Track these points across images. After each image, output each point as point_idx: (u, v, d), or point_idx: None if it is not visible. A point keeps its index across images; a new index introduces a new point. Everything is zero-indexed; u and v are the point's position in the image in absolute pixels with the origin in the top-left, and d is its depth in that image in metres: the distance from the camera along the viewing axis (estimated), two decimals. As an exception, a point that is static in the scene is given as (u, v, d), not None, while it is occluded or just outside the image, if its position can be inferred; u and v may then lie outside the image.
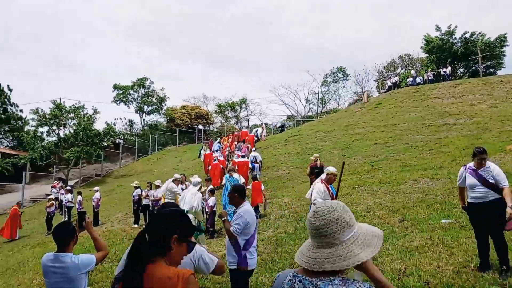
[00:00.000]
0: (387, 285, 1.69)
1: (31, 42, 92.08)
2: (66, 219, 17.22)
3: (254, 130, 32.84)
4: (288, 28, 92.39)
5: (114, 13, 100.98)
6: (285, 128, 39.57)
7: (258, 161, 17.24)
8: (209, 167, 18.02)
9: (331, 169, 6.93)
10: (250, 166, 16.71)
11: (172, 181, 11.56)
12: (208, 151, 21.21)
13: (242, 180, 13.02)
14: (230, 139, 25.87)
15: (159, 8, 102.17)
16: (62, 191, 19.51)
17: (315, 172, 11.20)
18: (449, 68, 36.08)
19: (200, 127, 44.59)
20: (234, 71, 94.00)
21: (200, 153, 23.12)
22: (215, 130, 48.72)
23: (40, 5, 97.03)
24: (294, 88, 55.96)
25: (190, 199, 8.86)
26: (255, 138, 27.42)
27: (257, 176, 16.05)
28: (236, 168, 15.36)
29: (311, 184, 10.12)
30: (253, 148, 20.22)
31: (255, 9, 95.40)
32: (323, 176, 6.97)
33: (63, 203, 18.12)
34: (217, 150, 21.99)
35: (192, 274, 1.90)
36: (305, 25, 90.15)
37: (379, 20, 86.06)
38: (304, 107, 54.15)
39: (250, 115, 53.09)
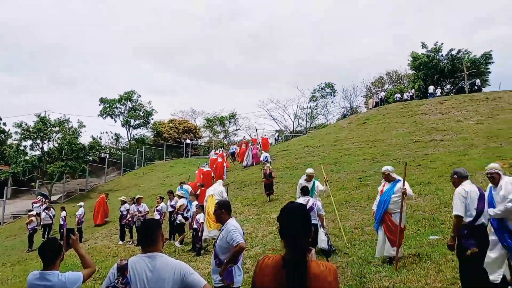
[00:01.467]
0: None
1: (15, 54, 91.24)
2: (46, 236, 16.80)
3: (276, 135, 40.08)
4: (278, 44, 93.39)
5: (103, 25, 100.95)
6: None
7: (269, 161, 20.07)
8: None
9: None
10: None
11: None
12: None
13: (190, 189, 14.99)
14: (244, 145, 27.33)
15: (150, 20, 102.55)
16: (44, 206, 19.03)
17: (266, 176, 15.03)
18: (432, 87, 36.74)
19: (188, 141, 44.30)
20: (224, 86, 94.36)
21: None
22: (203, 144, 48.44)
23: (25, 15, 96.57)
24: (283, 103, 56.33)
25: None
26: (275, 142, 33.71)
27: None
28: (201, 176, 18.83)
29: (264, 186, 14.95)
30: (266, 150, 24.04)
31: (247, 27, 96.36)
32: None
33: (43, 221, 17.65)
34: (232, 152, 26.30)
35: (336, 268, 2.10)
36: (295, 42, 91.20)
37: (370, 36, 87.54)
38: (293, 122, 54.41)
39: (238, 129, 53.08)
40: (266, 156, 21.01)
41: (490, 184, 5.13)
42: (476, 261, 4.74)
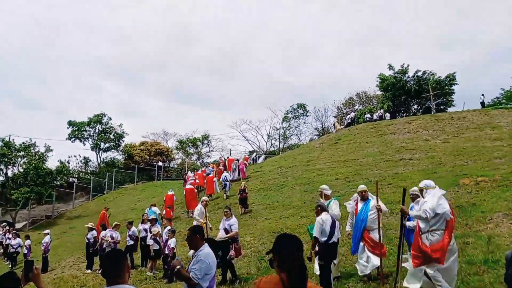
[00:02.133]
0: None
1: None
2: (10, 266, 16.00)
3: (254, 155, 41.54)
4: (250, 65, 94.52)
5: (72, 47, 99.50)
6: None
7: (228, 180, 21.06)
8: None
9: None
10: (222, 184, 21.00)
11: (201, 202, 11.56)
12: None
13: (158, 212, 16.11)
14: (220, 166, 27.21)
15: (120, 42, 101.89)
16: (9, 235, 18.14)
17: (240, 191, 16.77)
18: (389, 115, 37.87)
19: (160, 164, 43.60)
20: (196, 107, 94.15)
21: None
22: (176, 167, 47.77)
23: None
24: (255, 124, 56.46)
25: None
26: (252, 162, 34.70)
27: (226, 192, 20.56)
28: (184, 193, 19.88)
29: (239, 200, 16.60)
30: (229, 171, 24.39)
31: (219, 48, 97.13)
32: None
33: (9, 249, 16.82)
34: (209, 174, 24.59)
35: None
36: (267, 62, 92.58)
37: (340, 58, 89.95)
38: (266, 142, 54.60)
39: (212, 151, 52.77)
40: (225, 176, 21.34)
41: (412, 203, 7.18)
42: (326, 269, 6.41)
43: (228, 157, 33.06)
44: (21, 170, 29.32)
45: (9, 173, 29.85)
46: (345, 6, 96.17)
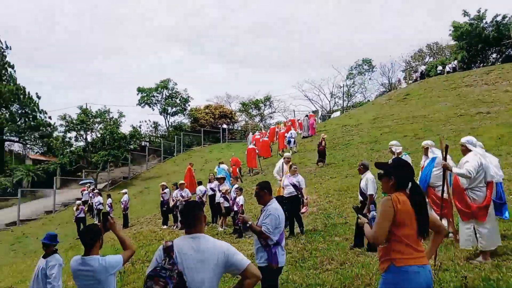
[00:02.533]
0: None
1: (57, 47, 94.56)
2: (96, 221, 17.56)
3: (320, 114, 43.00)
4: (311, 23, 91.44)
5: (137, 16, 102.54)
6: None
7: (294, 137, 22.18)
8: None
9: None
10: (286, 141, 22.02)
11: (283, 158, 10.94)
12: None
13: (226, 168, 16.63)
14: (287, 125, 27.75)
15: (182, 9, 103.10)
16: (92, 194, 19.85)
17: (318, 144, 17.47)
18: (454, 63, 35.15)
19: (224, 126, 44.53)
20: (257, 69, 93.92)
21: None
22: (239, 128, 48.56)
23: (65, 10, 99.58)
24: (318, 83, 55.21)
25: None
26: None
27: (293, 148, 21.66)
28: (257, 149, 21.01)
29: (318, 153, 17.17)
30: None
31: (281, 8, 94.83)
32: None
33: (94, 206, 18.45)
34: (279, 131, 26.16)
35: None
36: (329, 19, 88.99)
37: (405, 8, 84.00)
38: (329, 101, 53.41)
39: (274, 112, 52.77)
40: (291, 133, 22.25)
41: None
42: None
43: (290, 118, 33.18)
44: (99, 135, 31.37)
45: (89, 138, 32.07)
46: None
